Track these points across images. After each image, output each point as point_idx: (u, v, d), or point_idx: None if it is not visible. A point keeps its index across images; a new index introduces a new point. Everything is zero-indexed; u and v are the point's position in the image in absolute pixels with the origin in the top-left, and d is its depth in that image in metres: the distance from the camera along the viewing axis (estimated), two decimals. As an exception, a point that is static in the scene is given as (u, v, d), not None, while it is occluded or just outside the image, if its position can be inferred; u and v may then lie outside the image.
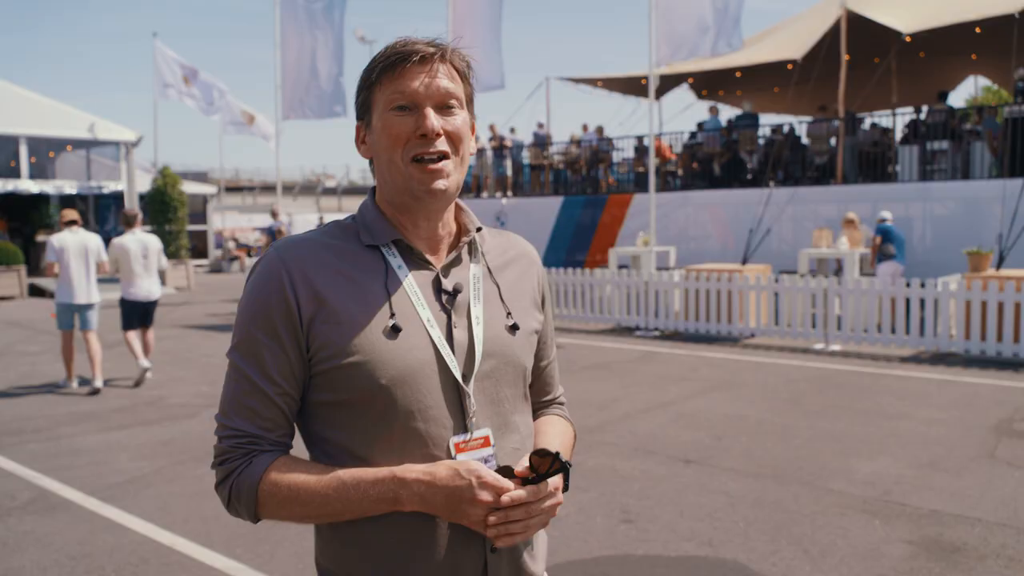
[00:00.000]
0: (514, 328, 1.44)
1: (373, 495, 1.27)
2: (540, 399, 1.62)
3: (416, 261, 1.39)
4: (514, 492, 1.25)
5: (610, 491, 5.06)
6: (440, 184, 1.34)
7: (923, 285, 9.86)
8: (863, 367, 9.07)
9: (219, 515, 4.71)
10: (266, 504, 1.31)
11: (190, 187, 26.57)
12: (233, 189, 46.05)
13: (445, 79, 1.35)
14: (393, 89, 1.34)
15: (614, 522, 4.56)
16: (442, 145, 1.34)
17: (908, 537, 4.28)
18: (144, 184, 24.14)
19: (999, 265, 10.06)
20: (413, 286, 1.37)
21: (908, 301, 9.94)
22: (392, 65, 1.34)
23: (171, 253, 21.80)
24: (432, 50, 1.34)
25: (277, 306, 1.31)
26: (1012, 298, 9.08)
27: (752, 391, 7.93)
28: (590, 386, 8.24)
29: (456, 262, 1.43)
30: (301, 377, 1.34)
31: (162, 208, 21.92)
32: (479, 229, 1.47)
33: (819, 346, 10.44)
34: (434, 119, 1.33)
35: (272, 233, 16.40)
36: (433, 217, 1.40)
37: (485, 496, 1.24)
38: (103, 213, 25.12)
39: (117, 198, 24.16)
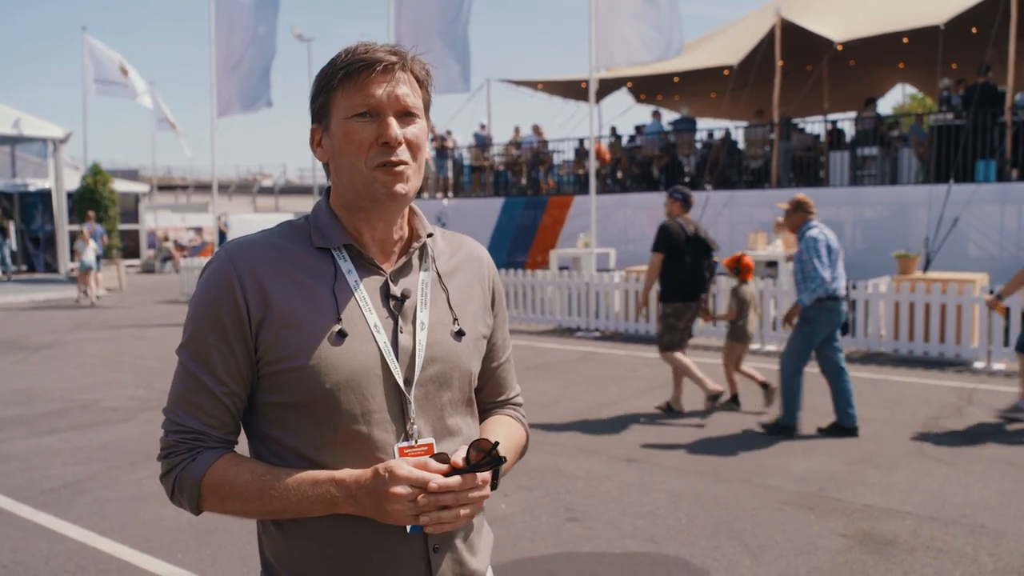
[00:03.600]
0: (460, 334, 1.46)
1: (312, 496, 1.30)
2: (494, 399, 1.64)
3: (366, 266, 1.41)
4: (442, 480, 1.27)
5: (555, 490, 5.11)
6: (401, 188, 1.37)
7: (854, 287, 10.16)
8: (797, 367, 9.29)
9: (159, 520, 4.62)
10: (208, 499, 1.35)
11: (121, 185, 25.91)
12: (166, 188, 45.06)
13: (406, 87, 1.38)
14: (355, 96, 1.36)
15: (559, 521, 4.60)
16: (403, 153, 1.37)
17: (843, 531, 4.41)
18: (73, 182, 23.43)
19: (926, 268, 10.44)
20: (362, 291, 1.39)
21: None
22: (355, 72, 1.35)
23: (102, 253, 21.21)
24: (394, 59, 1.37)
25: (226, 308, 1.34)
26: (938, 300, 9.42)
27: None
28: (532, 386, 8.28)
29: (406, 267, 1.45)
30: (249, 378, 1.37)
31: (92, 207, 21.29)
32: (430, 235, 1.50)
33: (755, 346, 10.66)
34: (396, 128, 1.36)
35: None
36: (389, 220, 1.43)
37: (399, 490, 1.25)
38: (29, 211, 24.31)
39: (44, 196, 23.42)
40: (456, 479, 1.28)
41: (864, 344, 10.01)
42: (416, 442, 1.38)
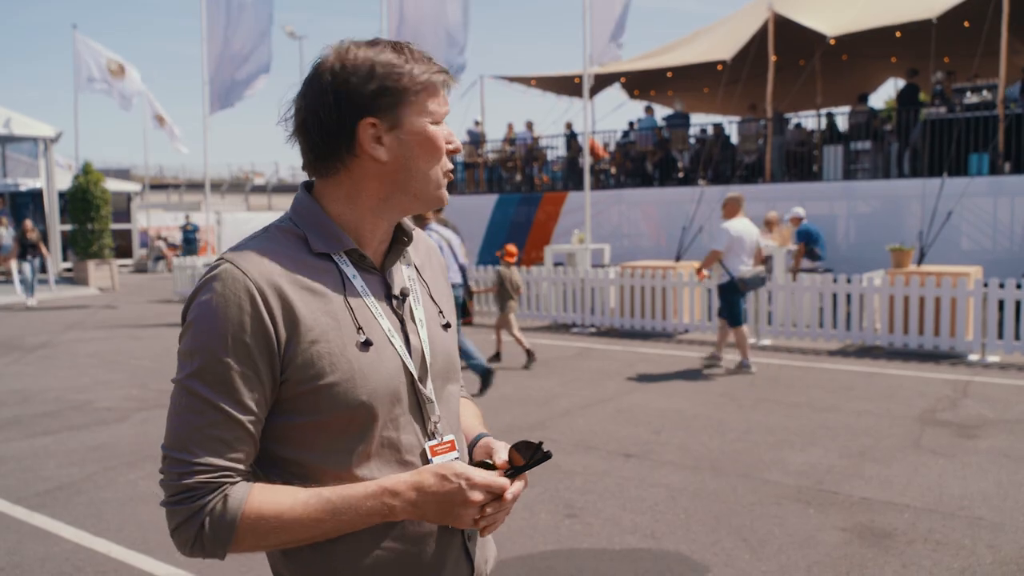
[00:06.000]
0: (447, 326, 1.49)
1: (364, 510, 1.25)
2: None
3: (366, 268, 1.39)
4: (514, 487, 1.30)
5: (553, 487, 5.10)
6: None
7: (849, 281, 10.18)
8: (793, 361, 9.31)
9: (156, 521, 4.59)
10: (245, 538, 1.24)
11: (113, 184, 25.73)
12: (158, 187, 44.83)
13: None
14: (438, 103, 1.38)
15: (558, 517, 4.60)
16: None
17: (841, 524, 4.42)
18: (64, 181, 23.29)
19: (920, 261, 10.44)
20: (369, 295, 1.36)
21: (835, 296, 10.25)
22: (435, 82, 1.37)
23: (94, 252, 21.11)
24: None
25: (252, 327, 1.23)
26: (932, 293, 9.44)
27: (687, 386, 8.07)
28: (529, 383, 8.28)
29: (395, 266, 1.45)
30: (271, 401, 1.28)
31: (84, 206, 21.13)
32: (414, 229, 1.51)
33: (752, 340, 10.67)
34: None
35: None
36: (397, 221, 1.45)
37: (477, 496, 1.26)
38: (20, 212, 24.16)
39: (35, 196, 23.31)
40: (520, 484, 1.31)
41: (859, 337, 10.03)
42: (442, 439, 1.39)
